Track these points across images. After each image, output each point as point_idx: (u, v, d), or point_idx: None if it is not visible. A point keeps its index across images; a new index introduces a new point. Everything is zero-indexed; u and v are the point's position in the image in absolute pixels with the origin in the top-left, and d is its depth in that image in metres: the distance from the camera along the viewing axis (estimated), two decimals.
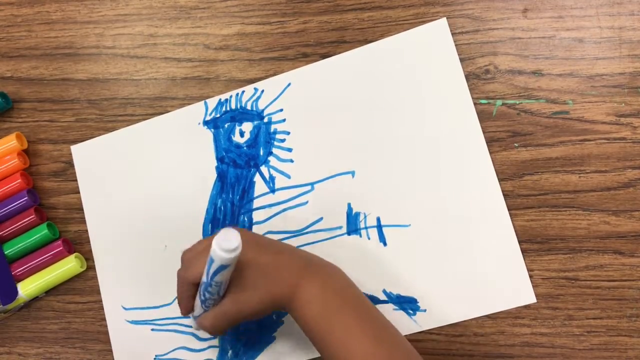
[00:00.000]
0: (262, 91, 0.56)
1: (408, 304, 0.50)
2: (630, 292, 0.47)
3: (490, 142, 0.51)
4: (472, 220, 0.50)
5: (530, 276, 0.49)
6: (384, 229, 0.51)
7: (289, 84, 0.55)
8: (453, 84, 0.52)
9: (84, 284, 0.57)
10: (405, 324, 0.50)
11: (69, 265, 0.56)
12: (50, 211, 0.59)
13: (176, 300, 0.55)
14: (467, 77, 0.51)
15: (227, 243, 0.37)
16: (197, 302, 0.46)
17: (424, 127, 0.52)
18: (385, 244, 0.51)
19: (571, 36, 0.50)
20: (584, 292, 0.48)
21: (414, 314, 0.50)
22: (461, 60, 0.52)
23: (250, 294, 0.43)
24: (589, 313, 0.48)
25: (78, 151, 0.59)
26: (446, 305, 0.49)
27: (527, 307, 0.48)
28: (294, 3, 0.56)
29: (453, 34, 0.52)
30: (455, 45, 0.52)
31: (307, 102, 0.54)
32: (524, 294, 0.48)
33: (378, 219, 0.51)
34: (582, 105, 0.49)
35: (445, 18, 0.52)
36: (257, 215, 0.54)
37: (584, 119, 0.49)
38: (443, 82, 0.52)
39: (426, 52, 0.53)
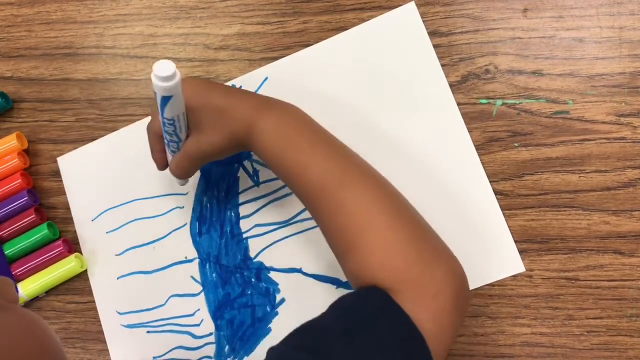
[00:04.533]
0: (240, 87, 0.56)
1: None
2: (630, 292, 0.47)
3: (490, 142, 0.51)
4: (455, 195, 0.50)
5: (530, 276, 0.49)
6: None
7: (266, 78, 0.55)
8: (426, 65, 0.52)
9: (84, 284, 0.57)
10: None
11: (69, 265, 0.56)
12: (50, 211, 0.59)
13: (169, 301, 0.55)
14: (467, 76, 0.51)
15: (162, 71, 0.39)
16: (168, 154, 0.49)
17: (401, 111, 0.52)
18: None
19: (571, 36, 0.50)
20: (584, 292, 0.48)
21: None
22: (461, 60, 0.52)
23: (209, 134, 0.45)
24: (589, 313, 0.48)
25: (64, 162, 0.59)
26: None
27: (527, 307, 0.48)
28: (294, 3, 0.56)
29: (453, 34, 0.52)
30: (455, 45, 0.52)
31: (284, 94, 0.54)
32: (512, 265, 0.49)
33: None
34: (582, 105, 0.49)
35: (413, 2, 0.53)
36: (243, 209, 0.54)
37: (584, 119, 0.49)
38: (417, 64, 0.52)
39: (399, 36, 0.53)
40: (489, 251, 0.49)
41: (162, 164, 0.50)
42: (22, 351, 0.36)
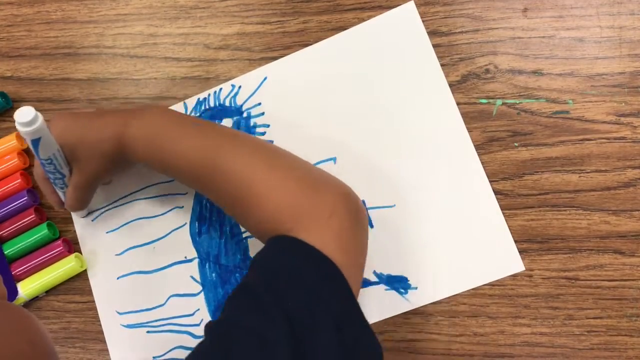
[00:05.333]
0: (240, 87, 0.56)
1: (399, 283, 0.50)
2: (630, 292, 0.47)
3: (490, 142, 0.51)
4: (454, 194, 0.50)
5: (530, 276, 0.49)
6: (369, 211, 0.51)
7: (265, 78, 0.55)
8: (425, 65, 0.52)
9: (84, 283, 0.57)
10: (398, 304, 0.50)
11: (69, 265, 0.56)
12: (50, 211, 0.59)
13: (169, 301, 0.55)
14: (467, 76, 0.51)
15: (22, 117, 0.43)
16: (60, 192, 0.52)
17: (400, 110, 0.52)
18: (371, 226, 0.51)
19: (571, 36, 0.50)
20: (584, 292, 0.48)
21: (406, 293, 0.50)
22: (461, 60, 0.52)
23: (88, 162, 0.48)
24: (589, 313, 0.48)
25: None
26: (437, 280, 0.50)
27: (527, 307, 0.48)
28: (294, 3, 0.56)
29: (453, 34, 0.52)
30: (455, 45, 0.52)
31: (284, 94, 0.55)
32: (512, 264, 0.49)
33: (363, 202, 0.51)
34: (582, 104, 0.49)
35: (412, 1, 0.53)
36: None
37: (584, 119, 0.49)
38: (417, 64, 0.52)
39: (398, 36, 0.53)
40: (488, 251, 0.49)
41: (58, 204, 0.54)
42: (11, 347, 0.36)
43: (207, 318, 0.54)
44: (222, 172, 0.44)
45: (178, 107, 0.57)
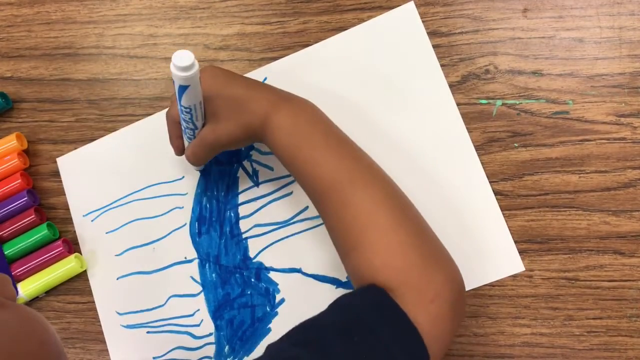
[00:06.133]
0: None
1: None
2: (630, 292, 0.47)
3: (490, 142, 0.51)
4: (454, 195, 0.50)
5: (530, 276, 0.49)
6: None
7: (265, 79, 0.55)
8: (425, 64, 0.52)
9: (84, 284, 0.57)
10: None
11: (69, 266, 0.56)
12: (50, 211, 0.59)
13: (169, 301, 0.55)
14: (467, 77, 0.51)
15: (181, 61, 0.39)
16: (185, 141, 0.50)
17: (400, 111, 0.52)
18: None
19: (571, 36, 0.50)
20: (584, 292, 0.48)
21: None
22: (461, 60, 0.52)
23: (225, 124, 0.46)
24: (589, 313, 0.48)
25: (64, 162, 0.59)
26: None
27: (527, 307, 0.48)
28: (294, 3, 0.56)
29: (453, 34, 0.52)
30: (455, 45, 0.52)
31: None
32: (512, 264, 0.49)
33: None
34: (582, 105, 0.49)
35: (412, 2, 0.53)
36: (243, 210, 0.54)
37: (584, 119, 0.49)
38: (417, 64, 0.52)
39: (398, 36, 0.53)
40: (488, 251, 0.49)
41: (179, 150, 0.52)
42: (23, 348, 0.36)
43: (207, 318, 0.54)
44: (347, 202, 0.42)
45: None
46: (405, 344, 0.37)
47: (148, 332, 0.55)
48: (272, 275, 0.53)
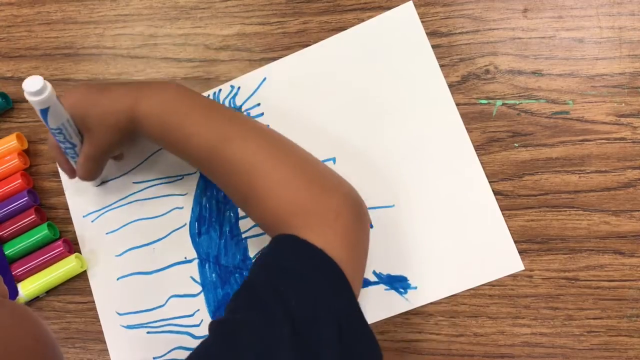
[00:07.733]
0: (239, 88, 0.56)
1: (399, 283, 0.50)
2: (630, 292, 0.47)
3: (490, 142, 0.51)
4: (454, 195, 0.50)
5: (530, 276, 0.49)
6: (369, 211, 0.51)
7: (265, 79, 0.55)
8: (424, 64, 0.52)
9: (84, 284, 0.57)
10: (397, 304, 0.50)
11: (69, 266, 0.56)
12: (51, 211, 0.59)
13: (169, 301, 0.55)
14: (467, 77, 0.51)
15: (31, 87, 0.43)
16: (72, 161, 0.53)
17: (400, 111, 0.52)
18: (371, 226, 0.51)
19: (571, 36, 0.50)
20: (584, 292, 0.48)
21: (405, 292, 0.50)
22: (461, 60, 0.52)
23: (98, 133, 0.48)
24: (589, 313, 0.48)
25: None
26: (437, 280, 0.50)
27: (527, 307, 0.48)
28: (294, 3, 0.56)
29: (453, 34, 0.52)
30: (455, 45, 0.52)
31: (283, 94, 0.55)
32: (512, 264, 0.49)
33: None
34: (582, 105, 0.49)
35: (411, 1, 0.53)
36: None
37: (584, 119, 0.49)
38: (416, 64, 0.52)
39: (397, 36, 0.53)
40: (488, 251, 0.49)
41: (71, 172, 0.54)
42: (17, 343, 0.36)
43: (207, 318, 0.54)
44: (227, 161, 0.44)
45: None
46: (323, 275, 0.39)
47: (148, 333, 0.55)
48: None
